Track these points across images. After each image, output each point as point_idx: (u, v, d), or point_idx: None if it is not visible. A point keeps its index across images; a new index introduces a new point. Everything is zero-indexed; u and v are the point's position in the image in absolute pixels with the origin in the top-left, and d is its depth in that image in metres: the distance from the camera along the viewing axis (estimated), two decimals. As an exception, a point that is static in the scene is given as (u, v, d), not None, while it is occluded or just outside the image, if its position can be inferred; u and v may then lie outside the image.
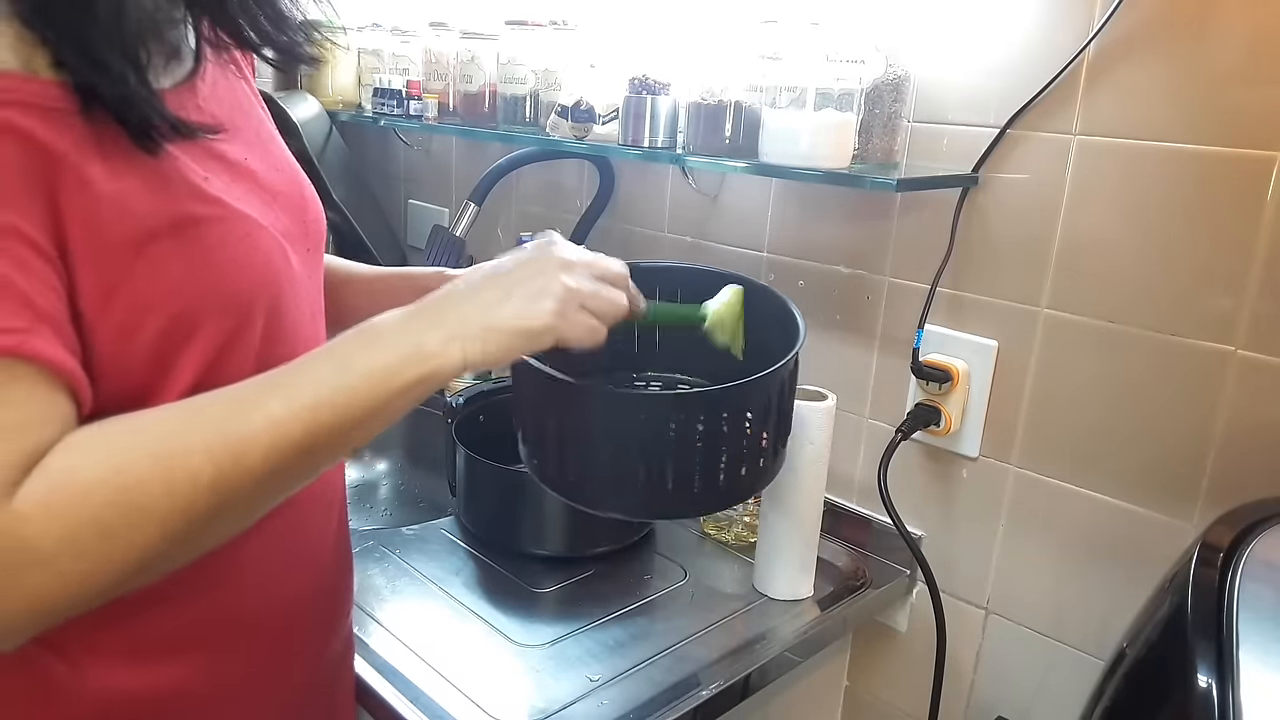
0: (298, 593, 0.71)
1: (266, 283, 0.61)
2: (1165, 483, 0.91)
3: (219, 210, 0.58)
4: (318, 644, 0.74)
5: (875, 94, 1.01)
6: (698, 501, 0.79)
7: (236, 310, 0.59)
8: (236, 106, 0.66)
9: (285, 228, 0.65)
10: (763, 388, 0.75)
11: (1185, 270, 0.88)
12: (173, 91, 0.59)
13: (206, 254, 0.57)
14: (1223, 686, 0.52)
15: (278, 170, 0.68)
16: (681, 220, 1.32)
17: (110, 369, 0.54)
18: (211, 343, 0.58)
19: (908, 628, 1.14)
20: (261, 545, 0.65)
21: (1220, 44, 0.83)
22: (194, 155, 0.58)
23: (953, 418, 1.04)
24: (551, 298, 0.61)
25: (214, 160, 0.60)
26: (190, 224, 0.56)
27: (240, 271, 0.59)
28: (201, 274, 0.56)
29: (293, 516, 0.67)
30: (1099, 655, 0.99)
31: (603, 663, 0.89)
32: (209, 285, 0.57)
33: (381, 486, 1.48)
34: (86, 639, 0.58)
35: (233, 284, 0.59)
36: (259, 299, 0.61)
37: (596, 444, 0.75)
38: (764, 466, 0.80)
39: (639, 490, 0.75)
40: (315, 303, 0.71)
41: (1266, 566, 0.60)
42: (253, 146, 0.65)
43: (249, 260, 0.60)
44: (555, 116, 1.19)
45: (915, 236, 1.07)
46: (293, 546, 0.69)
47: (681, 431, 0.73)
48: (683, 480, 0.75)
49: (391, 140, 1.77)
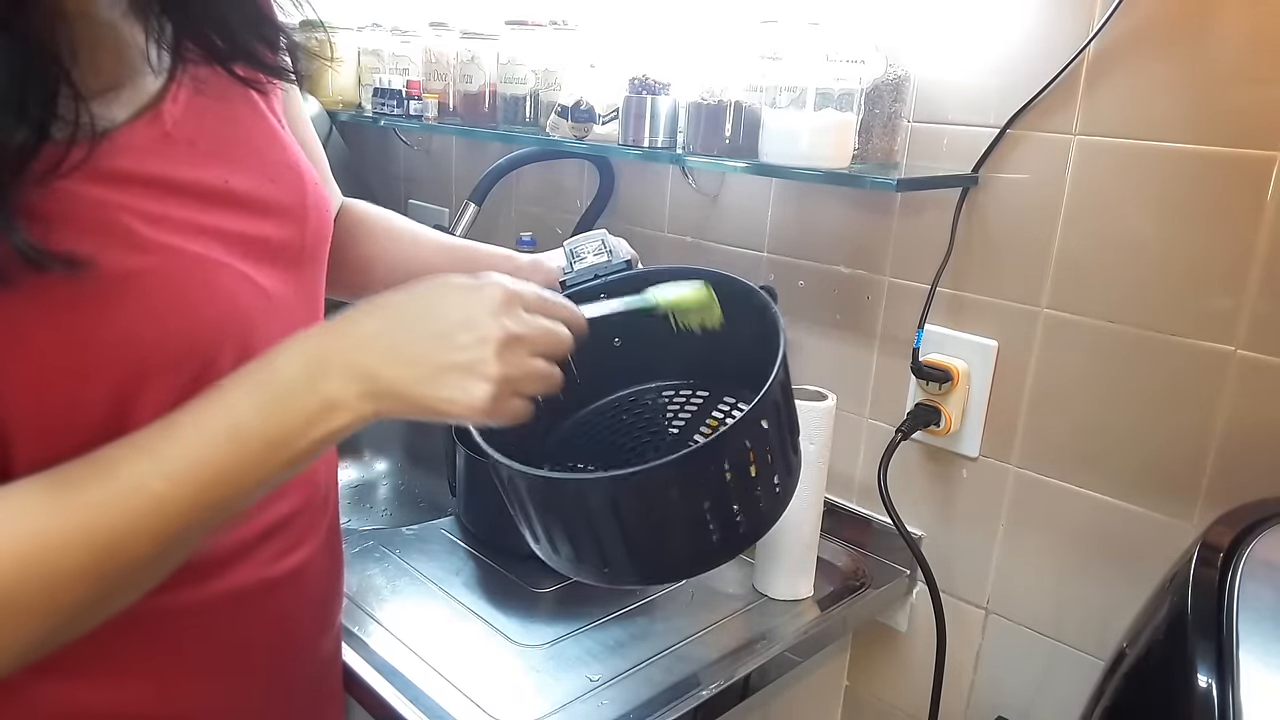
0: (285, 605, 0.69)
1: (231, 324, 0.57)
2: (1165, 482, 0.91)
3: (161, 260, 0.53)
4: (306, 649, 0.73)
5: (875, 94, 1.01)
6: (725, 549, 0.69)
7: (193, 360, 0.54)
8: (223, 119, 0.61)
9: (274, 245, 0.62)
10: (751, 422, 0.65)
11: (1185, 270, 0.88)
12: (128, 127, 0.54)
13: (149, 309, 0.52)
14: (1223, 686, 0.52)
15: (273, 181, 0.63)
16: (681, 220, 1.32)
17: (64, 432, 0.50)
18: (168, 395, 0.53)
19: (908, 628, 1.14)
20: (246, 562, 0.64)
21: (1220, 44, 0.83)
22: (146, 196, 0.53)
23: (953, 418, 1.04)
24: (485, 383, 0.53)
25: (173, 194, 0.55)
26: (125, 280, 0.51)
27: (194, 320, 0.54)
28: (146, 331, 0.52)
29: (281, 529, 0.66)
30: (1099, 655, 0.99)
31: (603, 663, 0.89)
32: (155, 342, 0.52)
33: (381, 486, 1.48)
34: (52, 656, 0.54)
35: (184, 335, 0.54)
36: (225, 341, 0.56)
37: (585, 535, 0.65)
38: (788, 479, 0.71)
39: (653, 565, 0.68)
40: (301, 319, 0.65)
41: (1266, 566, 0.60)
42: (241, 162, 0.61)
43: (205, 307, 0.55)
44: (555, 116, 1.19)
45: (915, 236, 1.07)
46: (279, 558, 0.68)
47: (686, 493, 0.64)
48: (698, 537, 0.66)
49: (391, 140, 1.77)
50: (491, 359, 0.54)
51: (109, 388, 0.51)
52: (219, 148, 0.60)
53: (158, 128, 0.56)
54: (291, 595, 0.69)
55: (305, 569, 0.70)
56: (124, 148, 0.53)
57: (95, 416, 0.51)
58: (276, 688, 0.70)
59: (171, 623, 0.60)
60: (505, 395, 0.55)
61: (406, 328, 0.55)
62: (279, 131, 0.67)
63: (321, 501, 0.72)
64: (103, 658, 0.58)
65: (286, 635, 0.70)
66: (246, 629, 0.66)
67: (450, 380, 0.53)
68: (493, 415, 0.55)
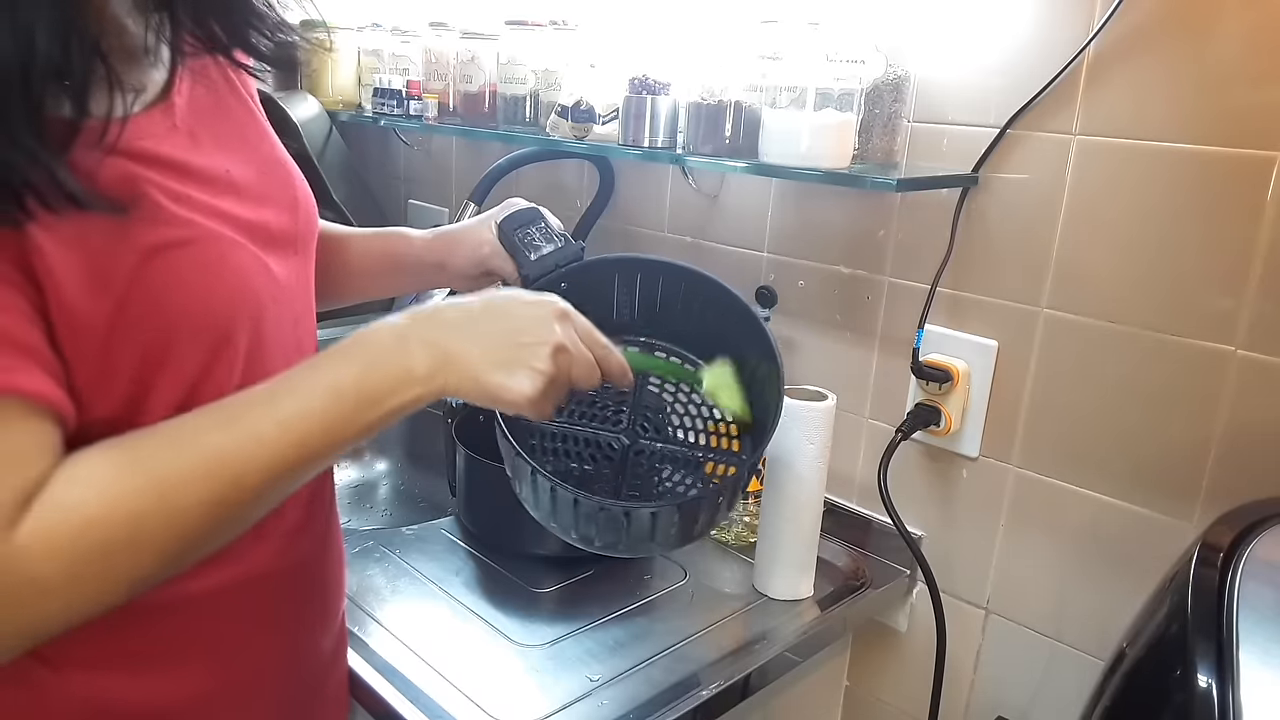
0: (286, 599, 0.70)
1: (245, 301, 0.61)
2: (1165, 483, 0.91)
3: (188, 233, 0.57)
4: (308, 645, 0.74)
5: (875, 94, 1.01)
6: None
7: (214, 332, 0.59)
8: (218, 113, 0.65)
9: (274, 233, 0.65)
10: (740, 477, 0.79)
11: (1185, 270, 0.88)
12: (144, 114, 0.58)
13: (175, 280, 0.56)
14: (1223, 686, 0.52)
15: (267, 173, 0.67)
16: (681, 220, 1.32)
17: (90, 396, 0.54)
18: (189, 366, 0.58)
19: (908, 628, 1.14)
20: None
21: (1220, 44, 0.83)
22: (167, 175, 0.57)
23: (953, 418, 1.04)
24: (537, 376, 0.61)
25: (189, 178, 0.59)
26: (155, 252, 0.55)
27: (214, 293, 0.58)
28: (171, 301, 0.56)
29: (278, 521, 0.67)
30: (1099, 655, 0.99)
31: (603, 663, 0.89)
32: (179, 311, 0.56)
33: (381, 486, 1.48)
34: (72, 648, 0.58)
35: (206, 307, 0.58)
36: (239, 318, 0.60)
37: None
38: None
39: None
40: (301, 305, 0.70)
41: (1266, 566, 0.60)
42: (237, 153, 0.65)
43: (223, 281, 0.59)
44: (555, 116, 1.19)
45: (915, 236, 1.07)
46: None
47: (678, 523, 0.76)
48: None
49: (391, 140, 1.77)
50: (546, 358, 0.62)
51: (135, 354, 0.55)
52: (217, 141, 0.63)
53: (169, 118, 0.60)
54: (290, 589, 0.71)
55: (307, 561, 0.72)
56: (143, 133, 0.57)
57: (120, 385, 0.55)
58: (274, 682, 0.71)
59: (177, 614, 0.62)
60: (548, 392, 0.62)
61: (482, 319, 0.63)
62: (266, 129, 0.71)
63: (318, 495, 0.73)
64: (116, 649, 0.60)
65: (285, 629, 0.71)
66: (247, 621, 0.67)
67: (510, 367, 0.61)
68: (533, 408, 0.62)
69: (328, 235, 0.88)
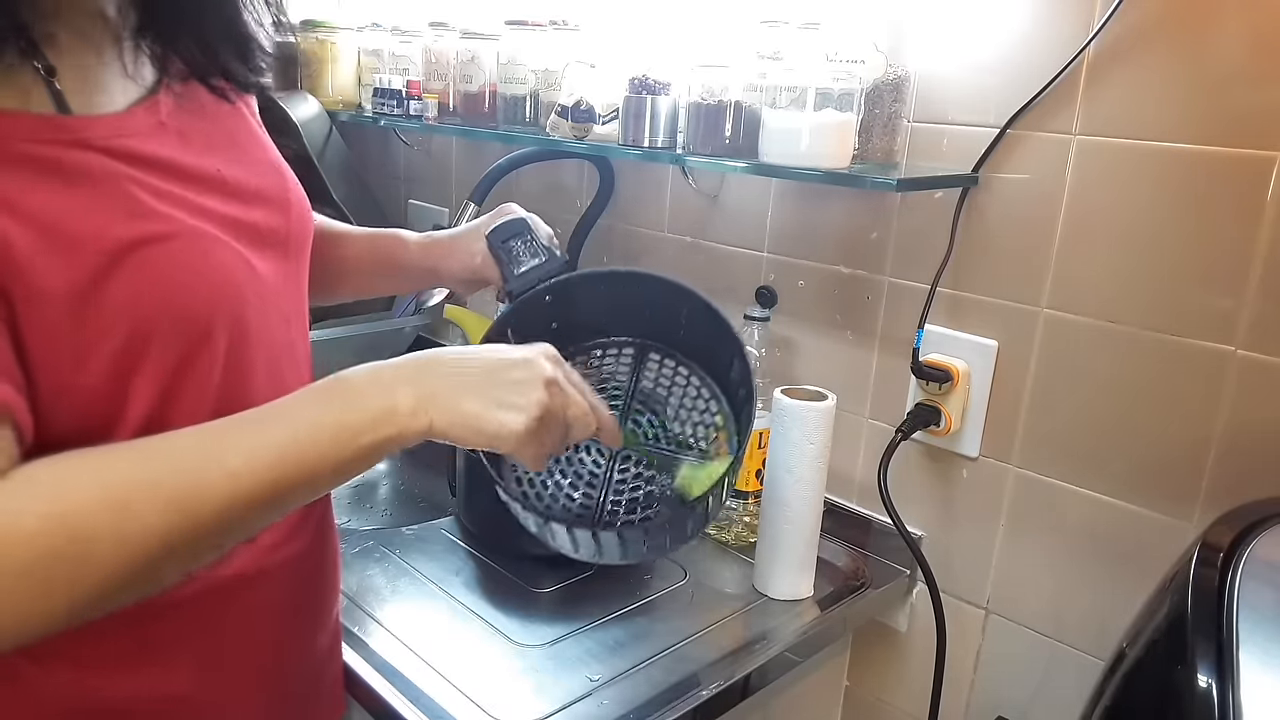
0: (280, 598, 0.70)
1: (225, 299, 0.60)
2: (1165, 483, 0.91)
3: (168, 228, 0.57)
4: (301, 643, 0.74)
5: (875, 94, 1.01)
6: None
7: (192, 329, 0.58)
8: (206, 113, 0.66)
9: (263, 232, 0.65)
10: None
11: (1185, 270, 0.88)
12: (126, 113, 0.59)
13: (155, 274, 0.56)
14: (1223, 686, 0.52)
15: (258, 174, 0.67)
16: (681, 220, 1.32)
17: (65, 394, 0.53)
18: (167, 364, 0.57)
19: (908, 628, 1.14)
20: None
21: (1220, 44, 0.83)
22: (150, 172, 0.58)
23: (953, 418, 1.04)
24: (528, 409, 0.59)
25: (174, 175, 0.59)
26: (134, 246, 0.55)
27: (192, 290, 0.58)
28: (149, 296, 0.55)
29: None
30: (1099, 655, 0.99)
31: (603, 663, 0.89)
32: (157, 305, 0.56)
33: (381, 486, 1.48)
34: (60, 645, 0.56)
35: (184, 303, 0.57)
36: (218, 316, 0.60)
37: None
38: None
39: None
40: (291, 306, 0.70)
41: (1266, 566, 0.60)
42: (226, 152, 0.65)
43: (203, 277, 0.59)
44: (555, 116, 1.19)
45: (915, 236, 1.07)
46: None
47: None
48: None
49: (391, 140, 1.77)
50: (539, 387, 0.60)
51: (112, 349, 0.54)
52: (207, 141, 0.64)
53: (155, 116, 0.60)
54: (286, 585, 0.71)
55: (300, 560, 0.72)
56: (128, 131, 0.58)
57: (96, 380, 0.54)
58: (267, 679, 0.71)
59: (168, 612, 0.62)
60: (539, 433, 0.60)
61: (468, 358, 0.62)
62: (259, 132, 0.71)
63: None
64: (105, 647, 0.60)
65: (278, 627, 0.71)
66: (241, 618, 0.67)
67: (500, 403, 0.59)
68: (523, 447, 0.60)
69: (325, 231, 0.89)
